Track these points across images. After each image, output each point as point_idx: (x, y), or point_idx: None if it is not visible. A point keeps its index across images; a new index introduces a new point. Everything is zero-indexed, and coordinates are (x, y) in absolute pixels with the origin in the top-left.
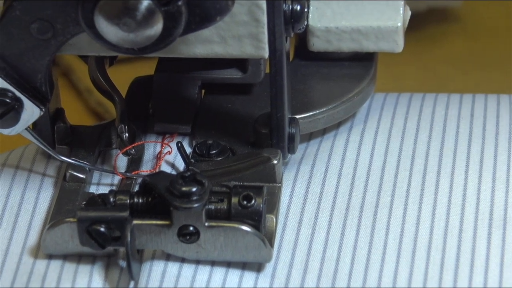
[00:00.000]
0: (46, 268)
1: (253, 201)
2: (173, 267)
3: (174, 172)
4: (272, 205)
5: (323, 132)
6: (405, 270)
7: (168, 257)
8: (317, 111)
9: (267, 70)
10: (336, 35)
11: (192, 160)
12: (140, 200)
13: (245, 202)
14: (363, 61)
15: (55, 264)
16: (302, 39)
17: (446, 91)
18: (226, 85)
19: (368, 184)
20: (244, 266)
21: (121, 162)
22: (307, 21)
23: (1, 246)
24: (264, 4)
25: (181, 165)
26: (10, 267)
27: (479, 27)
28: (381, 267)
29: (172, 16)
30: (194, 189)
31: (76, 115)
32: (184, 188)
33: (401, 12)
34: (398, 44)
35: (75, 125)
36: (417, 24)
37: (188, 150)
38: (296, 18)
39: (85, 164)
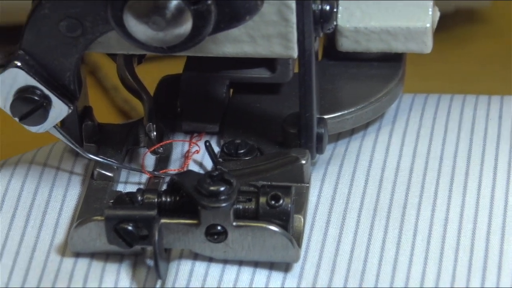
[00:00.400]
0: (73, 266)
1: (281, 201)
2: (200, 267)
3: (202, 171)
4: (300, 205)
5: (351, 132)
6: (432, 271)
7: (195, 256)
8: (346, 112)
9: (296, 70)
10: (364, 35)
11: (220, 160)
12: (168, 199)
13: (273, 202)
14: (391, 62)
15: (82, 262)
16: (331, 39)
17: (474, 92)
18: (255, 84)
19: (396, 185)
20: (271, 266)
21: (149, 160)
22: (336, 21)
23: (28, 243)
24: (293, 4)
25: (209, 164)
26: (37, 265)
27: (507, 28)
28: (408, 268)
29: (201, 15)
30: (222, 189)
31: (103, 113)
32: (212, 188)
33: (430, 13)
34: (427, 45)
35: (103, 123)
36: (445, 24)
37: (216, 149)
38: (326, 18)
39: (113, 162)
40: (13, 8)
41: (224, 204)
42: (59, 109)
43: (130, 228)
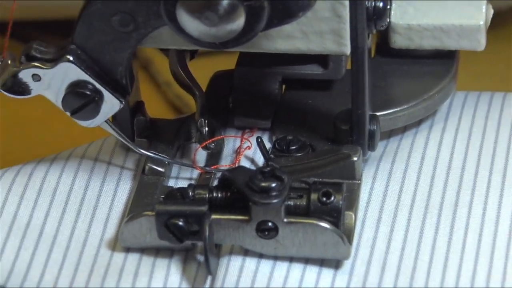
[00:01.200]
0: (124, 261)
1: (332, 198)
2: (251, 263)
3: (253, 167)
4: (351, 202)
5: (404, 129)
6: (483, 269)
7: (246, 252)
8: (398, 109)
9: (348, 67)
10: (418, 32)
11: (272, 156)
12: (219, 195)
13: (324, 199)
14: (444, 59)
15: (133, 257)
16: (384, 36)
17: None
18: (307, 80)
19: (448, 183)
20: (322, 263)
21: (200, 156)
22: (389, 18)
23: (78, 238)
24: (347, 0)
25: (260, 160)
26: (88, 259)
27: None
28: (459, 266)
29: (254, 11)
30: (273, 185)
31: (154, 108)
32: (263, 184)
33: (484, 10)
34: (480, 42)
35: (155, 118)
36: (499, 22)
37: (268, 145)
38: (379, 15)
39: (164, 157)
40: (66, 2)
41: (275, 201)
42: (110, 104)
43: (180, 223)
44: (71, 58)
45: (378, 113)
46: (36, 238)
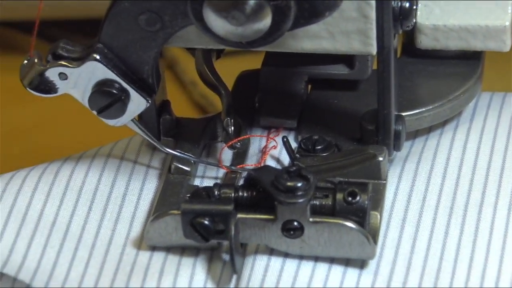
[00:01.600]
0: (149, 260)
1: (358, 198)
2: (276, 262)
3: (279, 167)
4: (377, 202)
5: (429, 130)
6: (508, 270)
7: (271, 252)
8: (423, 109)
9: (374, 67)
10: (443, 33)
11: (297, 155)
12: (245, 194)
13: (350, 199)
14: (470, 60)
15: (158, 255)
16: (410, 36)
17: None
18: (333, 80)
19: (473, 183)
20: (347, 262)
21: (226, 155)
22: (415, 19)
23: (104, 236)
24: (373, 1)
25: (286, 160)
26: (113, 258)
27: None
28: (484, 267)
29: (281, 11)
30: (299, 184)
31: (180, 107)
32: (289, 183)
33: (510, 11)
34: (506, 43)
35: (181, 117)
36: None
37: (294, 145)
38: (405, 15)
39: (190, 156)
40: (92, 2)
41: (301, 200)
42: (137, 103)
43: (206, 222)
44: (98, 57)
45: (404, 113)
46: (62, 237)
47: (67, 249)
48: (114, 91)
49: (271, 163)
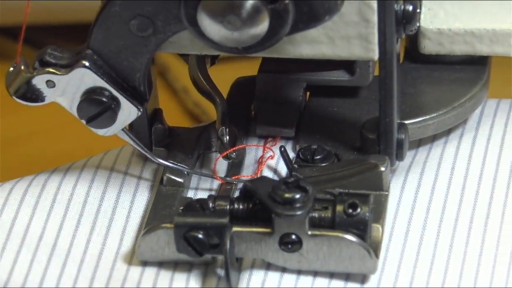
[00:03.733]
0: (141, 275)
1: (358, 210)
2: (273, 277)
3: (276, 178)
4: (378, 214)
5: (433, 138)
6: None
7: (268, 266)
8: (427, 117)
9: (376, 73)
10: (448, 37)
11: (296, 166)
12: (241, 206)
13: (350, 211)
14: (475, 65)
15: (150, 271)
16: (413, 41)
17: None
18: (332, 87)
19: (479, 195)
20: (347, 277)
21: (221, 166)
22: (419, 22)
23: (94, 251)
24: (375, 4)
25: (283, 170)
26: (103, 274)
27: None
28: (490, 282)
29: (278, 15)
30: (297, 196)
31: (172, 116)
32: (286, 195)
33: None
34: None
35: (173, 126)
36: None
37: (291, 154)
38: (408, 19)
39: (183, 167)
40: (82, 6)
41: (299, 212)
42: (128, 112)
43: (200, 236)
44: (87, 64)
45: (406, 121)
46: (49, 252)
47: (54, 264)
48: (104, 99)
49: (268, 174)
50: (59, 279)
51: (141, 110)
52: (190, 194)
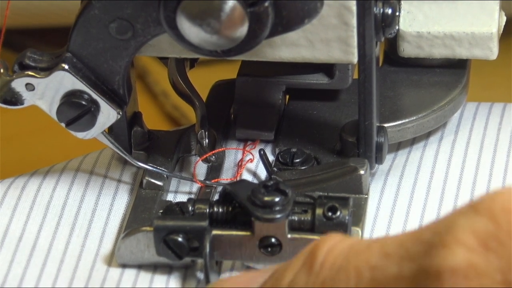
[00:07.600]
0: (120, 278)
1: (338, 213)
2: None
3: (255, 181)
4: (358, 217)
5: (412, 142)
6: None
7: (247, 269)
8: (407, 120)
9: (355, 76)
10: (427, 40)
11: (275, 169)
12: (220, 210)
13: (330, 214)
14: (455, 69)
15: (129, 273)
16: (392, 44)
17: None
18: (312, 90)
19: (458, 198)
20: None
21: (201, 169)
22: (398, 26)
23: (73, 253)
24: (354, 7)
25: (263, 173)
26: (83, 274)
27: None
28: None
29: (258, 18)
30: (277, 199)
31: (152, 119)
32: (266, 198)
33: (497, 17)
34: (492, 51)
35: (153, 130)
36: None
37: (271, 158)
38: (387, 22)
39: (163, 170)
40: (62, 9)
41: (278, 216)
42: (107, 115)
43: (180, 239)
44: (66, 67)
45: (386, 125)
46: (29, 252)
47: (34, 264)
48: (83, 103)
49: (247, 177)
50: (38, 279)
51: (121, 113)
52: (170, 197)
